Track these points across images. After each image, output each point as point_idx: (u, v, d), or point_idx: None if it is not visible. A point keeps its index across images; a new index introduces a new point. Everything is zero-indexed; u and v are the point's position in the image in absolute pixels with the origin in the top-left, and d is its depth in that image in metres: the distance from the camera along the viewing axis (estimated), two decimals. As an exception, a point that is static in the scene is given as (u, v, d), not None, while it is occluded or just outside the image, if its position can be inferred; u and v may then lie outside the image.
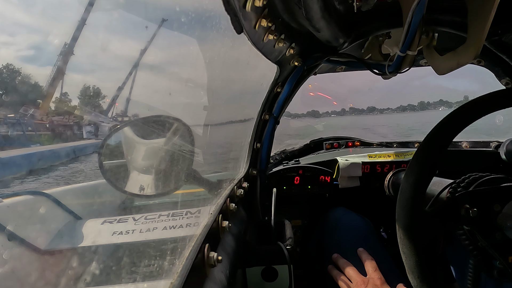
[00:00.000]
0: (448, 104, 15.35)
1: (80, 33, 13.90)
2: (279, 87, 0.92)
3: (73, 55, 15.65)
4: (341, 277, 0.79)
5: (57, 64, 16.84)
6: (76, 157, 7.65)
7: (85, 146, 8.39)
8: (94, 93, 27.21)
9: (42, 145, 9.84)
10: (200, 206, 0.92)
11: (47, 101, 15.22)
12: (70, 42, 15.20)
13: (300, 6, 0.55)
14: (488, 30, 0.59)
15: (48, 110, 14.35)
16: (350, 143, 1.57)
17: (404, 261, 0.49)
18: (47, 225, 0.89)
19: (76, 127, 12.48)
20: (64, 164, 6.55)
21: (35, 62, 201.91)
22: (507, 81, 0.98)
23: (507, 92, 0.52)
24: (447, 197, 0.62)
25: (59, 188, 1.07)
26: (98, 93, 27.41)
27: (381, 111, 16.04)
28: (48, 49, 52.79)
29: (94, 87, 29.24)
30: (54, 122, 13.11)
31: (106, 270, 0.62)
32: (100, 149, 0.82)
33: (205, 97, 0.82)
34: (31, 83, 24.41)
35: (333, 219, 1.06)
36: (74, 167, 6.46)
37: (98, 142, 10.59)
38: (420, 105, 21.21)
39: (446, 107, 14.20)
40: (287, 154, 1.45)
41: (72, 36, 14.77)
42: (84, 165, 6.02)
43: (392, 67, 0.85)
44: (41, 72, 40.21)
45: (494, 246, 0.50)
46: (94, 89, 28.62)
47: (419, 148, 0.50)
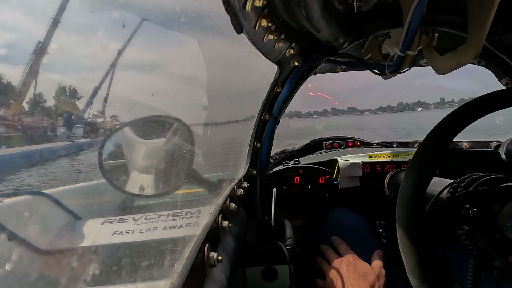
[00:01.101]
0: (425, 105, 15.76)
1: (55, 32, 13.63)
2: (279, 87, 0.92)
3: (48, 54, 15.29)
4: (323, 263, 0.84)
5: (30, 63, 16.48)
6: (43, 160, 7.41)
7: (60, 147, 8.09)
8: (70, 93, 26.69)
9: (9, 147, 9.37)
10: (200, 206, 0.92)
11: (19, 102, 14.93)
12: (44, 40, 14.87)
13: (300, 6, 0.55)
14: (488, 30, 0.59)
15: (21, 111, 14.01)
16: (350, 143, 1.57)
17: (404, 261, 0.49)
18: (47, 225, 0.89)
19: (50, 129, 12.16)
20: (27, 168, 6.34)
21: (7, 61, 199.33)
22: (507, 81, 0.98)
23: (507, 92, 0.52)
24: (447, 197, 0.62)
25: (59, 188, 1.07)
26: (74, 93, 26.93)
27: (361, 112, 16.12)
28: (21, 48, 50.85)
29: (71, 87, 28.61)
30: (25, 123, 12.67)
31: (106, 270, 0.61)
32: (100, 149, 0.82)
33: (205, 97, 0.82)
34: (3, 82, 23.74)
35: (333, 219, 1.06)
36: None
37: (70, 145, 10.14)
38: (399, 106, 21.53)
39: (423, 108, 14.61)
40: (287, 154, 1.45)
41: (46, 34, 14.44)
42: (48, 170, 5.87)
43: (392, 67, 0.85)
44: (13, 72, 39.18)
45: (494, 246, 0.50)
46: (71, 89, 28.01)
47: (419, 148, 0.50)
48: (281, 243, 0.75)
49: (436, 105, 21.20)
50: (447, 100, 47.18)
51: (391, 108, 20.47)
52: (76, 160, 7.92)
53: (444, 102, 28.63)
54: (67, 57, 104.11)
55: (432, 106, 20.21)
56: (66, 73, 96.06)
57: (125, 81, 18.01)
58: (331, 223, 1.05)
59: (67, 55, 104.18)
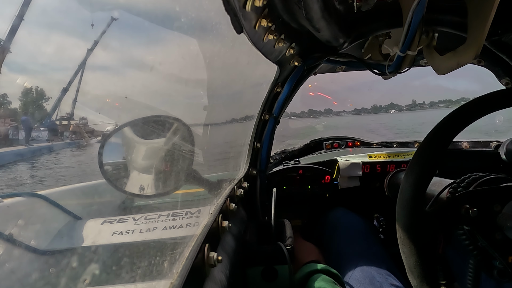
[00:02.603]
0: (398, 108, 16.15)
1: (18, 29, 12.94)
2: (279, 87, 0.92)
3: (10, 52, 14.75)
4: None
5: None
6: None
7: (13, 153, 7.71)
8: (37, 94, 25.89)
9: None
10: (200, 206, 0.92)
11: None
12: (6, 38, 14.21)
13: (300, 6, 0.55)
14: (488, 30, 0.58)
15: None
16: (350, 143, 1.57)
17: (404, 261, 0.49)
18: (45, 226, 0.89)
19: (12, 132, 11.57)
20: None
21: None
22: (507, 81, 0.98)
23: (507, 92, 0.52)
24: (447, 197, 0.62)
25: (59, 188, 1.07)
26: (42, 95, 26.14)
27: (337, 113, 16.41)
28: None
29: (38, 88, 27.57)
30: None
31: (106, 270, 0.62)
32: (100, 149, 0.82)
33: (205, 97, 0.82)
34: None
35: (333, 219, 1.06)
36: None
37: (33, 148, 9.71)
38: (373, 108, 21.75)
39: (396, 110, 14.98)
40: (287, 154, 1.45)
41: (9, 31, 13.70)
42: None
43: (392, 67, 0.85)
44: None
45: (494, 246, 0.50)
46: (37, 90, 27.08)
47: (419, 148, 0.50)
48: (281, 243, 0.75)
49: (408, 107, 21.97)
50: (418, 102, 48.30)
51: (366, 110, 20.83)
52: (18, 169, 7.62)
53: (415, 104, 29.49)
54: (33, 56, 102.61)
55: (404, 108, 20.99)
56: (33, 73, 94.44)
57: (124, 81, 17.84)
58: (331, 223, 1.05)
59: (33, 54, 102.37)
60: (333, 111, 5.93)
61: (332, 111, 5.59)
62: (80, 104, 16.45)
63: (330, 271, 0.70)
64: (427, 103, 19.64)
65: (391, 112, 9.90)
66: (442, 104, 16.54)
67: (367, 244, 0.89)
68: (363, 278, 0.77)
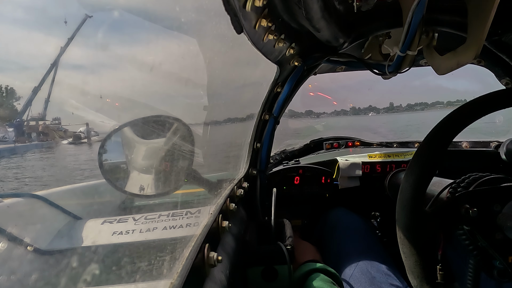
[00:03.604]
0: (376, 110, 16.06)
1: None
2: (279, 87, 0.92)
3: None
4: None
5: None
6: None
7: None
8: (7, 93, 25.30)
9: None
10: (200, 206, 0.92)
11: None
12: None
13: (300, 6, 0.55)
14: (488, 30, 0.58)
15: None
16: (350, 143, 1.57)
17: (404, 261, 0.49)
18: (45, 226, 0.89)
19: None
20: None
21: None
22: (507, 81, 0.98)
23: (507, 92, 0.52)
24: (447, 197, 0.62)
25: (59, 188, 1.07)
26: (12, 94, 25.55)
27: (317, 114, 16.45)
28: None
29: (8, 87, 26.81)
30: None
31: (106, 270, 0.62)
32: (100, 148, 0.82)
33: (205, 97, 0.82)
34: None
35: (333, 219, 1.06)
36: None
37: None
38: (352, 110, 21.87)
39: (374, 112, 14.91)
40: (287, 154, 1.45)
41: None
42: None
43: (392, 67, 0.85)
44: None
45: (494, 246, 0.50)
46: (8, 89, 26.56)
47: (419, 148, 0.50)
48: (281, 243, 0.75)
49: (386, 109, 22.11)
50: (395, 105, 49.04)
51: (345, 111, 21.00)
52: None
53: (393, 107, 29.72)
54: (3, 54, 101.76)
55: (381, 111, 21.18)
56: (3, 72, 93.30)
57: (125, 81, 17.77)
58: (331, 223, 1.05)
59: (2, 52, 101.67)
60: (314, 112, 5.91)
61: (313, 112, 5.61)
62: (58, 104, 16.09)
63: (328, 271, 0.70)
64: (403, 106, 19.55)
65: (370, 115, 9.89)
66: (418, 107, 16.74)
67: (367, 244, 0.89)
68: (363, 278, 0.77)
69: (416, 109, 19.50)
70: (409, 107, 27.01)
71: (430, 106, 22.89)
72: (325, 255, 0.92)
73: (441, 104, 22.38)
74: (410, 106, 26.47)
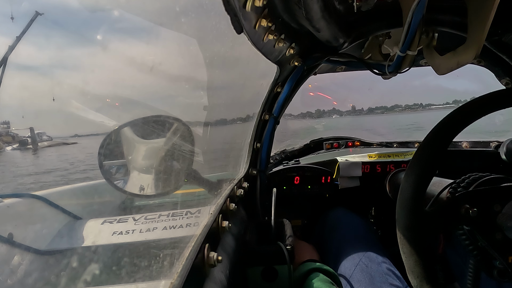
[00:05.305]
0: (339, 113, 16.20)
1: None
2: (279, 87, 0.92)
3: None
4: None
5: None
6: None
7: None
8: None
9: None
10: (200, 206, 0.92)
11: None
12: None
13: (300, 6, 0.55)
14: (488, 30, 0.58)
15: None
16: (350, 143, 1.57)
17: (404, 261, 0.49)
18: (45, 226, 0.89)
19: None
20: None
21: None
22: (507, 81, 0.98)
23: (507, 92, 0.52)
24: (447, 197, 0.62)
25: (59, 188, 1.07)
26: None
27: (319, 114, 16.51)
28: None
29: None
30: None
31: (106, 270, 0.62)
32: (100, 149, 0.82)
33: (205, 97, 0.82)
34: None
35: (333, 219, 1.06)
36: None
37: None
38: (317, 113, 21.73)
39: (337, 115, 14.96)
40: (287, 154, 1.45)
41: None
42: None
43: (392, 67, 0.85)
44: None
45: (494, 246, 0.50)
46: None
47: (419, 148, 0.50)
48: (281, 243, 0.75)
49: (348, 112, 22.46)
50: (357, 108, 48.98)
51: (310, 114, 20.78)
52: None
53: (354, 110, 30.22)
54: None
55: (344, 113, 21.47)
56: None
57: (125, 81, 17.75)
58: (331, 223, 1.05)
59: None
60: (313, 113, 5.90)
61: (313, 113, 5.63)
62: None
63: (327, 270, 0.70)
64: (365, 109, 19.58)
65: (334, 117, 10.03)
66: (378, 110, 16.71)
67: (367, 244, 0.89)
68: (363, 278, 0.77)
69: (376, 113, 19.39)
70: (370, 111, 26.94)
71: (389, 110, 22.17)
72: (325, 255, 0.92)
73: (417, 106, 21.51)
74: (370, 109, 26.59)
